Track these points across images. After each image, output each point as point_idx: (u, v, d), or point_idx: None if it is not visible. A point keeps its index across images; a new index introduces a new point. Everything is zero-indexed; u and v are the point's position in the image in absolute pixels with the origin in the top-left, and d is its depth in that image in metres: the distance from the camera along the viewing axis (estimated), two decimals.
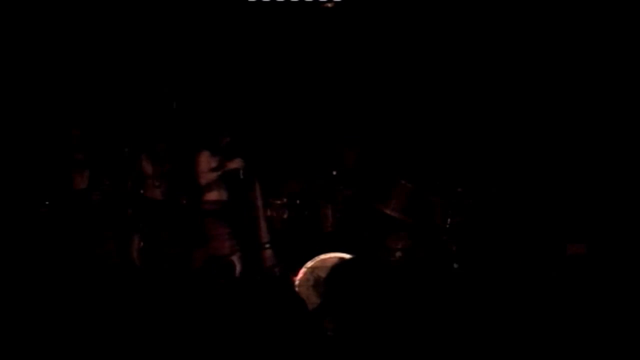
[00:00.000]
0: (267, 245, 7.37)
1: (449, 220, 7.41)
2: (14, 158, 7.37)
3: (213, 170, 7.16)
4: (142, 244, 7.17)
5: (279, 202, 7.65)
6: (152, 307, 3.50)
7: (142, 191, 7.25)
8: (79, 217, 6.90)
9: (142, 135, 7.48)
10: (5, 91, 7.56)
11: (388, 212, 7.31)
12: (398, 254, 7.32)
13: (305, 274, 6.46)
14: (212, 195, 7.18)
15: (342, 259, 6.22)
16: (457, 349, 3.08)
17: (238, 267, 7.06)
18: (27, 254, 6.71)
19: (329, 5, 7.75)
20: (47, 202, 6.97)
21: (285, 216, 7.63)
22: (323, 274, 6.18)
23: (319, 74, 8.16)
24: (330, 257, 6.52)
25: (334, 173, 7.25)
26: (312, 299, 5.84)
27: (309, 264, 6.54)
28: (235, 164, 7.25)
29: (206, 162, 7.19)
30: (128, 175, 7.18)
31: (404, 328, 3.03)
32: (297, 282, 6.35)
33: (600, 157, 7.69)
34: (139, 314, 3.42)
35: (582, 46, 7.71)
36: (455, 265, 7.03)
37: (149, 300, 3.57)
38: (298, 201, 7.72)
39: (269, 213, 7.52)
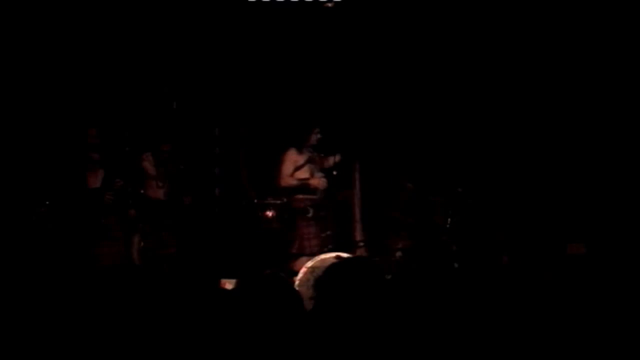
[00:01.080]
0: (361, 244, 7.34)
1: (449, 220, 7.42)
2: (26, 157, 7.38)
3: (297, 169, 7.12)
4: (142, 244, 7.17)
5: (279, 202, 7.65)
6: (152, 307, 3.49)
7: (142, 191, 7.25)
8: (90, 216, 6.89)
9: (146, 135, 7.47)
10: (17, 93, 7.57)
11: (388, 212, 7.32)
12: (398, 254, 7.32)
13: (305, 274, 6.45)
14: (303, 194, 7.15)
15: (341, 258, 6.21)
16: (457, 348, 3.08)
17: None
18: (32, 252, 6.72)
19: (329, 5, 7.74)
20: (47, 202, 6.96)
21: (285, 216, 7.63)
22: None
23: (319, 74, 8.15)
24: (330, 257, 6.51)
25: (335, 173, 7.25)
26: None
27: (309, 264, 6.53)
28: (317, 182, 7.18)
29: (292, 161, 7.14)
30: (132, 175, 7.17)
31: (403, 328, 3.03)
32: (297, 282, 6.34)
33: (600, 157, 7.69)
34: (139, 314, 3.41)
35: (581, 46, 7.71)
36: (456, 265, 7.05)
37: (149, 300, 3.56)
38: None
39: (269, 214, 7.51)
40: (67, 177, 6.89)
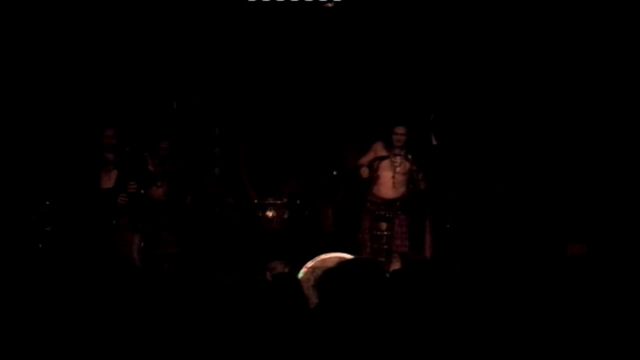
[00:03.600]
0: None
1: (449, 220, 7.42)
2: (23, 157, 7.39)
3: (375, 160, 7.18)
4: (142, 244, 7.17)
5: (279, 202, 7.66)
6: (152, 307, 3.49)
7: (142, 191, 7.25)
8: (101, 216, 6.89)
9: (145, 135, 7.47)
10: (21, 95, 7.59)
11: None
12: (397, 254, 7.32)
13: (305, 274, 6.44)
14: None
15: (342, 259, 6.22)
16: (457, 349, 3.08)
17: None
18: (32, 252, 6.73)
19: (329, 5, 7.75)
20: (47, 202, 6.97)
21: (285, 216, 7.64)
22: None
23: (319, 74, 8.16)
24: (330, 257, 6.50)
25: (334, 173, 7.25)
26: (313, 299, 5.83)
27: (309, 264, 6.52)
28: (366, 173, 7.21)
29: (373, 151, 7.22)
30: (144, 177, 7.17)
31: (403, 328, 3.03)
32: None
33: (600, 157, 7.69)
34: (139, 314, 3.41)
35: (582, 46, 7.71)
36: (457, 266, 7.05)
37: (149, 300, 3.56)
38: (298, 201, 7.73)
39: (270, 214, 7.51)
40: (81, 176, 6.90)
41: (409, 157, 7.20)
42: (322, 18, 7.84)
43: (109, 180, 6.96)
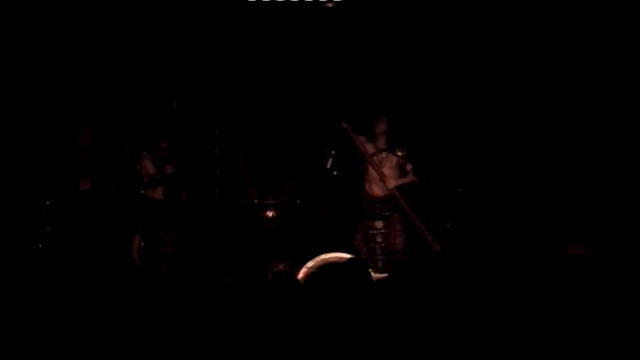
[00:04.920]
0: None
1: (449, 220, 7.41)
2: (21, 157, 7.40)
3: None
4: (142, 244, 7.17)
5: (279, 202, 7.65)
6: (152, 307, 3.50)
7: (142, 191, 7.25)
8: (87, 218, 6.91)
9: (143, 135, 7.47)
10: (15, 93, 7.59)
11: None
12: (397, 254, 7.31)
13: (305, 273, 6.45)
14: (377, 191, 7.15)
15: (341, 258, 6.23)
16: (456, 349, 3.08)
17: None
18: (32, 253, 6.74)
19: (329, 5, 7.75)
20: (47, 202, 6.98)
21: (285, 216, 7.63)
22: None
23: (319, 74, 8.15)
24: (330, 257, 6.50)
25: (334, 173, 7.24)
26: None
27: (309, 264, 6.53)
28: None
29: (362, 142, 7.11)
30: (127, 178, 7.18)
31: (402, 328, 3.03)
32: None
33: (600, 157, 7.69)
34: (138, 314, 3.42)
35: (581, 46, 7.71)
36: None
37: (149, 300, 3.57)
38: (298, 201, 7.72)
39: (270, 214, 7.51)
40: (60, 178, 6.92)
41: (397, 150, 7.16)
42: (322, 18, 7.84)
43: (87, 182, 7.00)
